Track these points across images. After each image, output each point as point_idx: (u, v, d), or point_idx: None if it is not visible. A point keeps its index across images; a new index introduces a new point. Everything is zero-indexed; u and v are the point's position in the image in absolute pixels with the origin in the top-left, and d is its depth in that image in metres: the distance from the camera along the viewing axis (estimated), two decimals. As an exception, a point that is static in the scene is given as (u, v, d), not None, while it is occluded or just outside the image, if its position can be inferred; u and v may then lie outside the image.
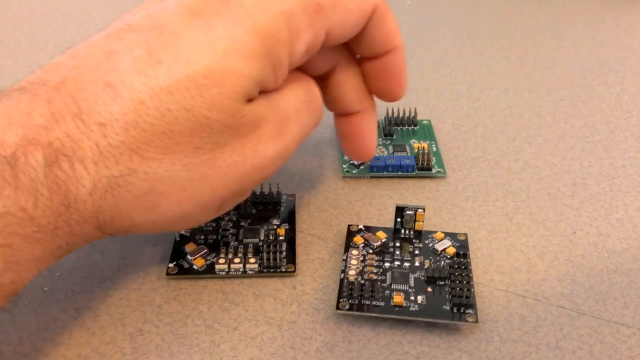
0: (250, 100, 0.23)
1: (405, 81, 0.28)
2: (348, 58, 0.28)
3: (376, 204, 0.32)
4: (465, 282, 0.27)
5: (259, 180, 0.25)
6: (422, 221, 0.30)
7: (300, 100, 0.26)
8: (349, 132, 0.30)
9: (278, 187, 0.32)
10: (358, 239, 0.30)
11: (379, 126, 0.38)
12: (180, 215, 0.24)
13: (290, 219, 0.31)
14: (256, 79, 0.23)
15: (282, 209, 0.31)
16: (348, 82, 0.28)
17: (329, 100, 0.29)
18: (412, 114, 0.38)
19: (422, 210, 0.29)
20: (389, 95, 0.29)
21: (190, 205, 0.23)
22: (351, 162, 0.35)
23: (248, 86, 0.23)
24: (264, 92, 0.24)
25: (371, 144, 0.30)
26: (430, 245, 0.29)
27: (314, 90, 0.27)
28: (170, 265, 0.28)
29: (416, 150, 0.35)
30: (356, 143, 0.30)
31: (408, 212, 0.30)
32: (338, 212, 0.32)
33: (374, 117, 0.30)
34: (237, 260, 0.28)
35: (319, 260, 0.29)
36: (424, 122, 0.38)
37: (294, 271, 0.28)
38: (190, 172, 0.23)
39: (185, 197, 0.23)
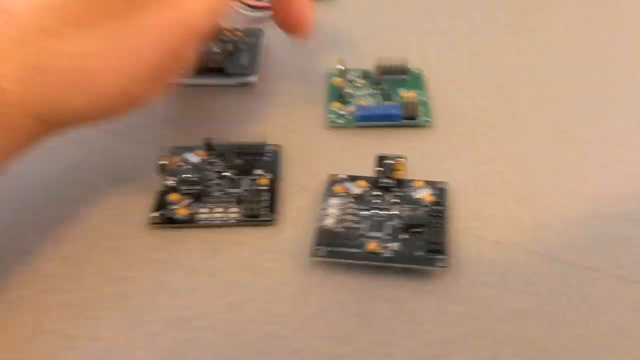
0: None
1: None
2: None
3: (360, 153, 0.33)
4: (439, 228, 0.27)
5: (191, 38, 0.24)
6: (403, 170, 0.30)
7: None
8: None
9: (263, 138, 0.32)
10: (338, 188, 0.30)
11: (368, 75, 0.38)
12: (118, 91, 0.23)
13: (274, 169, 0.31)
14: None
15: (266, 159, 0.32)
16: None
17: None
18: (403, 63, 0.38)
19: (402, 159, 0.30)
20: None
21: (123, 77, 0.23)
22: (338, 111, 0.35)
23: None
24: None
25: (301, 7, 0.30)
26: (410, 193, 0.30)
27: None
28: (154, 214, 0.29)
29: (404, 99, 0.35)
30: (286, 9, 0.30)
31: (388, 161, 0.30)
32: (322, 161, 0.32)
33: None
34: (219, 209, 0.29)
35: (301, 209, 0.30)
36: (416, 71, 0.38)
37: (275, 220, 0.29)
38: (109, 42, 0.22)
39: (112, 68, 0.23)
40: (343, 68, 0.35)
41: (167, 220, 0.29)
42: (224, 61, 0.37)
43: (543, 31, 0.42)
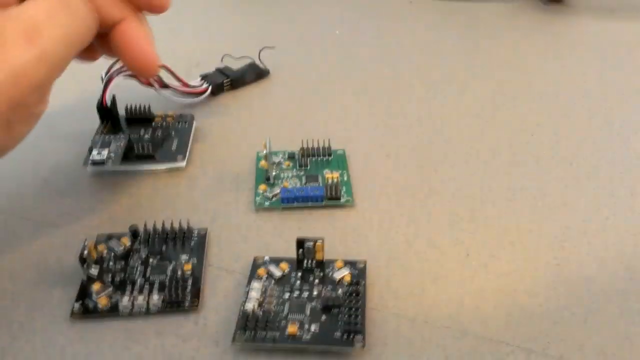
0: None
1: None
2: None
3: (285, 235, 0.34)
4: (356, 308, 0.28)
5: (26, 87, 0.26)
6: (322, 251, 0.31)
7: (52, 5, 0.27)
8: (122, 43, 0.31)
9: (189, 223, 0.33)
10: (261, 271, 0.31)
11: (294, 157, 0.39)
12: None
13: (199, 253, 0.32)
14: None
15: (193, 243, 0.33)
16: None
17: None
18: (327, 144, 0.39)
19: (321, 241, 0.31)
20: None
21: None
22: (264, 194, 0.36)
23: None
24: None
25: (147, 49, 0.31)
26: (330, 274, 0.31)
27: None
28: (76, 305, 0.29)
29: (327, 181, 0.37)
30: (133, 52, 0.31)
31: (308, 244, 0.31)
32: (248, 244, 0.33)
33: (140, 22, 0.32)
34: (140, 297, 0.29)
35: (225, 293, 0.30)
36: (339, 151, 0.40)
37: (197, 305, 0.29)
38: None
39: None
40: (267, 151, 0.37)
41: (87, 311, 0.29)
42: (153, 148, 0.38)
43: (456, 104, 0.44)
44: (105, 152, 0.36)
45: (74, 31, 0.28)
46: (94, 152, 0.36)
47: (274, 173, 0.37)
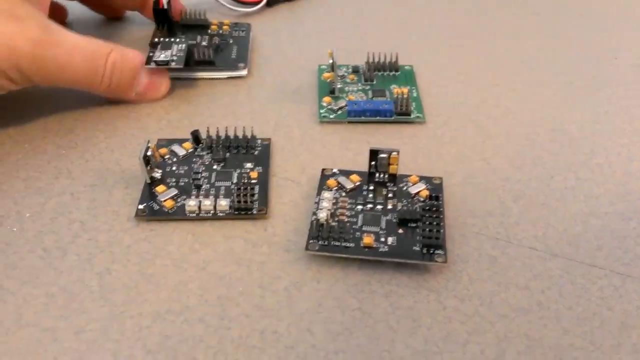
0: None
1: None
2: None
3: (352, 148, 0.32)
4: (436, 223, 0.27)
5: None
6: (397, 164, 0.29)
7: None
8: None
9: (252, 131, 0.31)
10: (332, 182, 0.29)
11: (358, 71, 0.37)
12: None
13: (264, 162, 0.31)
14: None
15: (256, 152, 0.31)
16: None
17: None
18: (394, 59, 0.37)
19: (396, 153, 0.29)
20: None
21: None
22: (329, 106, 0.34)
23: None
24: None
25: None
26: (405, 188, 0.29)
27: None
28: (140, 206, 0.28)
29: (395, 96, 0.35)
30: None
31: (382, 155, 0.29)
32: (313, 156, 0.32)
33: None
34: (207, 202, 0.28)
35: (292, 203, 0.29)
36: (406, 67, 0.38)
37: (266, 213, 0.28)
38: None
39: None
40: (333, 62, 0.35)
41: (153, 213, 0.28)
42: (213, 54, 0.36)
43: (530, 29, 0.41)
44: (168, 53, 0.34)
45: None
46: (157, 53, 0.34)
47: (338, 86, 0.35)
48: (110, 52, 0.32)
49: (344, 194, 0.29)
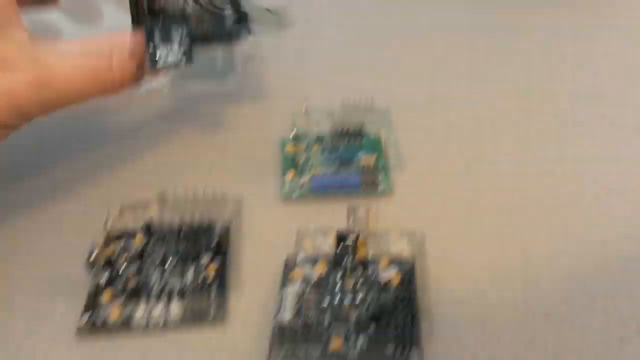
0: None
1: None
2: None
3: (319, 227, 0.29)
4: (409, 316, 0.24)
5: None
6: (365, 247, 0.27)
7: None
8: None
9: (210, 217, 0.29)
10: (296, 274, 0.27)
11: (323, 139, 0.35)
12: None
13: (224, 253, 0.28)
14: None
15: (214, 242, 0.28)
16: None
17: None
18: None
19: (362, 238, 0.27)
20: None
21: None
22: (292, 182, 0.32)
23: None
24: None
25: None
26: (373, 276, 0.26)
27: None
28: (82, 320, 0.25)
29: (362, 166, 0.32)
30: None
31: (347, 244, 0.27)
32: (276, 239, 0.29)
33: None
34: (157, 311, 0.25)
35: (254, 301, 0.26)
36: (373, 134, 0.35)
37: (224, 318, 0.25)
38: None
39: None
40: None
41: (96, 328, 0.25)
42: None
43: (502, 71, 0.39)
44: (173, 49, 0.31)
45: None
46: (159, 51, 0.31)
47: (302, 159, 0.33)
48: (111, 60, 0.30)
49: (309, 288, 0.26)
